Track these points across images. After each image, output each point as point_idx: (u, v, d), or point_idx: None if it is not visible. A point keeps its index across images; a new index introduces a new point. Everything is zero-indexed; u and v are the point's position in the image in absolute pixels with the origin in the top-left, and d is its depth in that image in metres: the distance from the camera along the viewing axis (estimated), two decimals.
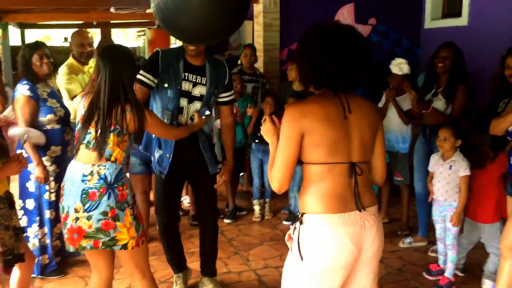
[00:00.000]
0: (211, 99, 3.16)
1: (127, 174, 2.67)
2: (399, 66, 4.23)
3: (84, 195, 2.43)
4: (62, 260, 3.81)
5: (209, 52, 3.17)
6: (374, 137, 2.00)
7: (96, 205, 2.42)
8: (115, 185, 2.46)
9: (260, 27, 5.93)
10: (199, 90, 3.09)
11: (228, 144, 3.38)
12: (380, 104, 4.50)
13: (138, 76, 2.98)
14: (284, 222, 4.80)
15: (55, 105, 3.50)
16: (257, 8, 5.97)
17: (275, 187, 1.94)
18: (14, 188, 3.81)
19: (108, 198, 2.43)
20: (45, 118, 3.47)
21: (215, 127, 4.60)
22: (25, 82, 3.45)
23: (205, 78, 3.09)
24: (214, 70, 3.13)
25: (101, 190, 2.43)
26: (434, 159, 3.62)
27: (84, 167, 2.48)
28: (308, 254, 1.89)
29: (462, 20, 5.82)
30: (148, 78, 3.02)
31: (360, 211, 1.89)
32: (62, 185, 2.58)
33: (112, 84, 2.49)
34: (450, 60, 3.85)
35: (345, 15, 6.16)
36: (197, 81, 3.08)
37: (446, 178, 3.48)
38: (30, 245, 3.56)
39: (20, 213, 3.57)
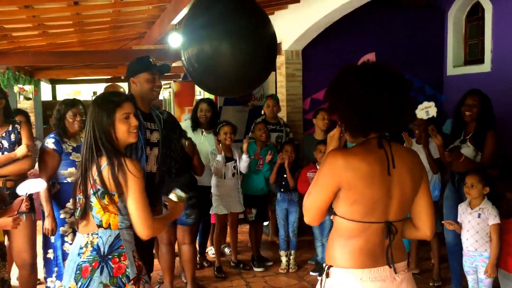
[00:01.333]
0: (165, 144, 3.15)
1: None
2: (425, 111, 4.14)
3: (78, 272, 2.10)
4: None
5: None
6: (415, 192, 1.87)
7: (87, 283, 2.07)
8: (109, 257, 2.08)
9: (283, 78, 6.04)
10: (155, 136, 3.11)
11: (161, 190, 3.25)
12: None
13: None
14: (311, 273, 4.69)
15: (78, 159, 3.57)
16: (280, 60, 6.10)
17: (306, 221, 1.92)
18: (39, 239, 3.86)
19: (101, 273, 2.05)
20: (66, 171, 3.55)
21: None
22: (53, 135, 3.58)
23: (156, 124, 3.13)
24: (156, 114, 3.17)
25: (93, 264, 2.07)
26: (462, 208, 3.53)
27: (82, 238, 2.15)
28: None
29: (485, 67, 5.83)
30: None
31: (390, 267, 1.81)
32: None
33: (90, 137, 2.16)
34: (477, 107, 3.81)
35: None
36: (152, 127, 3.11)
37: (475, 227, 3.38)
38: None
39: (41, 264, 3.64)
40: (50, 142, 3.54)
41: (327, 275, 1.85)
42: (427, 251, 4.92)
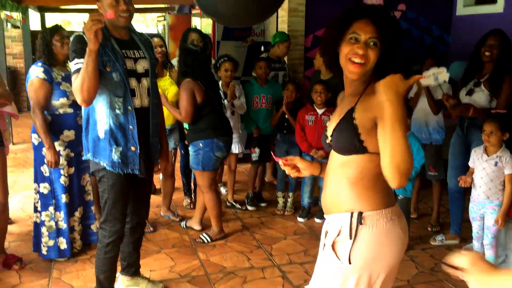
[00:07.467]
0: (154, 72, 2.81)
1: None
2: (434, 76, 3.87)
3: None
4: (87, 244, 3.80)
5: None
6: None
7: None
8: None
9: (285, 12, 5.72)
10: (142, 65, 2.72)
11: (161, 126, 2.97)
12: (411, 94, 4.30)
13: (77, 67, 2.50)
14: (299, 219, 4.55)
15: (68, 89, 3.41)
16: None
17: (404, 183, 1.53)
18: (30, 172, 3.74)
19: None
20: (57, 101, 3.40)
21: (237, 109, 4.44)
22: (40, 64, 3.40)
23: (141, 51, 2.74)
24: (141, 39, 2.79)
25: None
26: (476, 153, 3.40)
27: None
28: (368, 256, 1.68)
29: (497, 7, 5.54)
30: None
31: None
32: None
33: None
34: (498, 48, 3.59)
35: (373, 0, 5.91)
36: (137, 55, 2.70)
37: (490, 175, 3.27)
38: (45, 228, 3.55)
39: (36, 197, 3.57)
40: (39, 72, 3.34)
41: (361, 222, 1.68)
42: (424, 196, 4.88)
